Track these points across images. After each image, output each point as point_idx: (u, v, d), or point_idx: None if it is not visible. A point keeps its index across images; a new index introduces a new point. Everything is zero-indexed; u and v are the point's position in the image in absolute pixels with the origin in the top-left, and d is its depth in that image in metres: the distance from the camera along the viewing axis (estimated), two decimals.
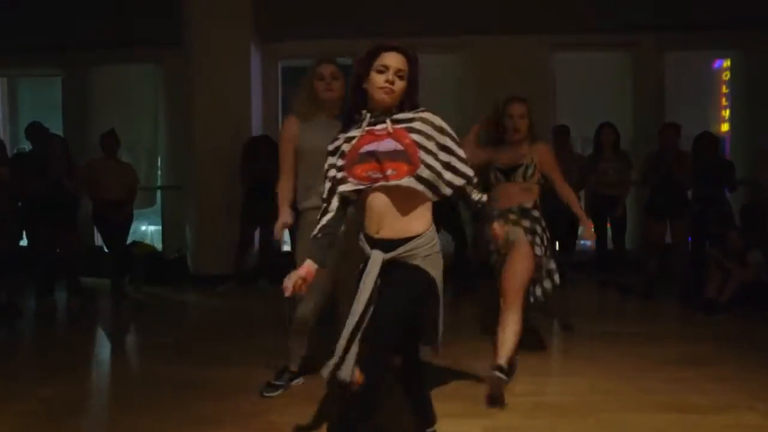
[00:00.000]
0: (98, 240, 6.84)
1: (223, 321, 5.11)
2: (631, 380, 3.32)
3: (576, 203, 3.43)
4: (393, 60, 2.13)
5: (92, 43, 7.16)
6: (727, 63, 7.36)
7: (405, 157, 2.07)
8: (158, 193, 7.63)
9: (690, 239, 5.66)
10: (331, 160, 2.24)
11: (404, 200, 2.09)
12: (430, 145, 2.11)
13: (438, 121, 2.17)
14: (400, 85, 2.14)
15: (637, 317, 5.08)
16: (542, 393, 3.14)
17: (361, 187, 2.11)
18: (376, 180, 2.08)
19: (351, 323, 2.03)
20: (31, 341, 4.74)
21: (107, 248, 6.12)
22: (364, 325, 2.02)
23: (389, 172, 2.06)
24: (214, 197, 6.46)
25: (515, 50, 6.80)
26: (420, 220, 2.12)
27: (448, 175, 2.15)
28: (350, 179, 2.12)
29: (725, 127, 7.34)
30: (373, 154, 2.09)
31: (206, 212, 6.51)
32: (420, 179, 2.07)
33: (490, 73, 6.70)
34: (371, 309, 2.04)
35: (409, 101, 2.18)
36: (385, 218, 2.09)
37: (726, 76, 7.37)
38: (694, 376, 3.36)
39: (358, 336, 2.01)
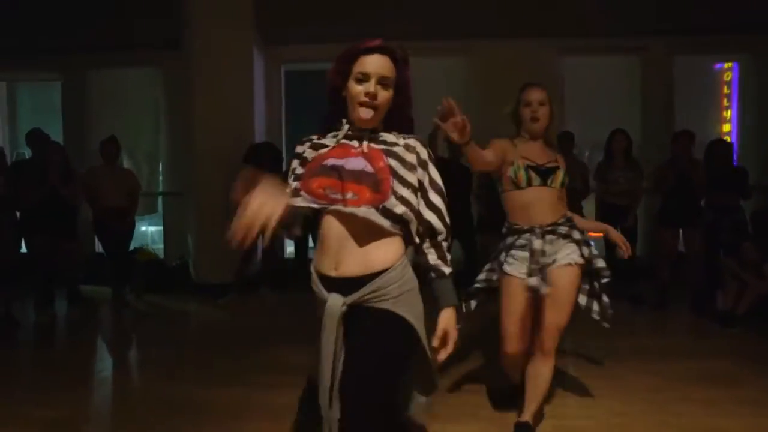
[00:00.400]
0: (98, 247, 6.73)
1: (226, 334, 4.98)
2: (651, 401, 3.21)
3: (590, 224, 3.01)
4: (375, 65, 1.72)
5: (91, 46, 7.05)
6: (728, 64, 7.32)
7: (372, 182, 1.67)
8: (159, 199, 7.51)
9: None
10: (293, 164, 1.85)
11: (367, 231, 1.68)
12: (411, 178, 1.72)
13: (424, 153, 1.77)
14: (384, 95, 1.74)
15: (651, 330, 4.96)
16: (561, 416, 3.02)
17: (314, 205, 1.70)
18: (334, 201, 1.68)
19: (322, 392, 1.65)
20: (29, 357, 4.61)
21: (108, 256, 6.01)
22: (335, 387, 1.64)
23: (349, 195, 1.67)
24: (216, 204, 6.29)
25: (522, 54, 6.70)
26: (388, 250, 1.70)
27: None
28: (302, 192, 1.72)
29: (727, 127, 7.31)
30: (336, 170, 1.69)
31: (208, 219, 6.37)
32: (387, 213, 1.67)
33: (496, 77, 6.58)
34: (339, 369, 1.65)
35: (399, 114, 1.80)
36: (343, 251, 1.68)
37: (728, 76, 7.32)
38: (719, 397, 3.25)
39: (334, 404, 1.63)
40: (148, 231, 8.09)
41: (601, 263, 2.67)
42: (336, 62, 1.77)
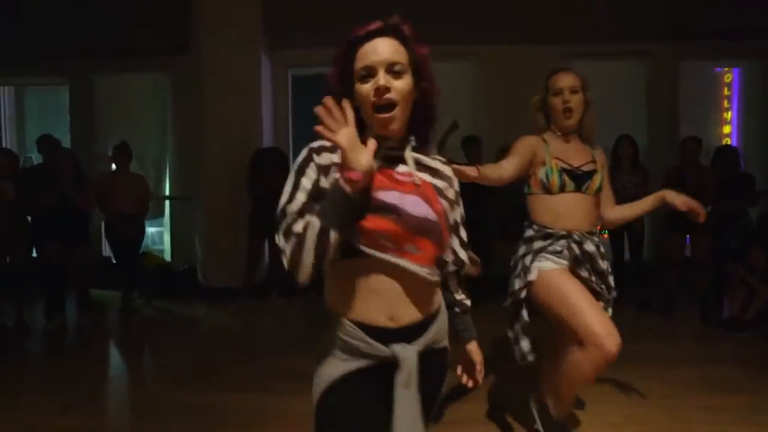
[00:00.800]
0: (106, 250, 6.76)
1: (237, 340, 5.01)
2: (664, 408, 3.23)
3: (644, 203, 2.55)
4: (378, 52, 1.37)
5: (99, 51, 7.07)
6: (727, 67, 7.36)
7: (436, 232, 1.39)
8: (166, 202, 7.55)
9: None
10: (319, 178, 1.38)
11: (422, 282, 1.41)
12: (450, 219, 1.51)
13: (456, 185, 1.54)
14: (400, 85, 1.37)
15: (658, 335, 4.96)
16: (576, 423, 3.03)
17: (371, 251, 1.33)
18: (384, 249, 1.34)
19: None
20: (40, 364, 4.61)
21: (116, 261, 6.04)
22: None
23: (410, 248, 1.35)
24: (224, 207, 6.36)
25: (528, 59, 6.69)
26: (435, 291, 1.49)
27: None
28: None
29: (727, 129, 7.34)
30: (396, 212, 1.34)
31: (216, 223, 6.42)
32: (439, 263, 1.47)
33: (502, 82, 6.60)
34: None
35: (423, 104, 1.43)
36: (397, 301, 1.38)
37: (728, 78, 7.36)
38: (726, 404, 3.27)
39: None
40: (149, 232, 8.11)
41: (611, 281, 2.52)
42: (334, 63, 1.44)
